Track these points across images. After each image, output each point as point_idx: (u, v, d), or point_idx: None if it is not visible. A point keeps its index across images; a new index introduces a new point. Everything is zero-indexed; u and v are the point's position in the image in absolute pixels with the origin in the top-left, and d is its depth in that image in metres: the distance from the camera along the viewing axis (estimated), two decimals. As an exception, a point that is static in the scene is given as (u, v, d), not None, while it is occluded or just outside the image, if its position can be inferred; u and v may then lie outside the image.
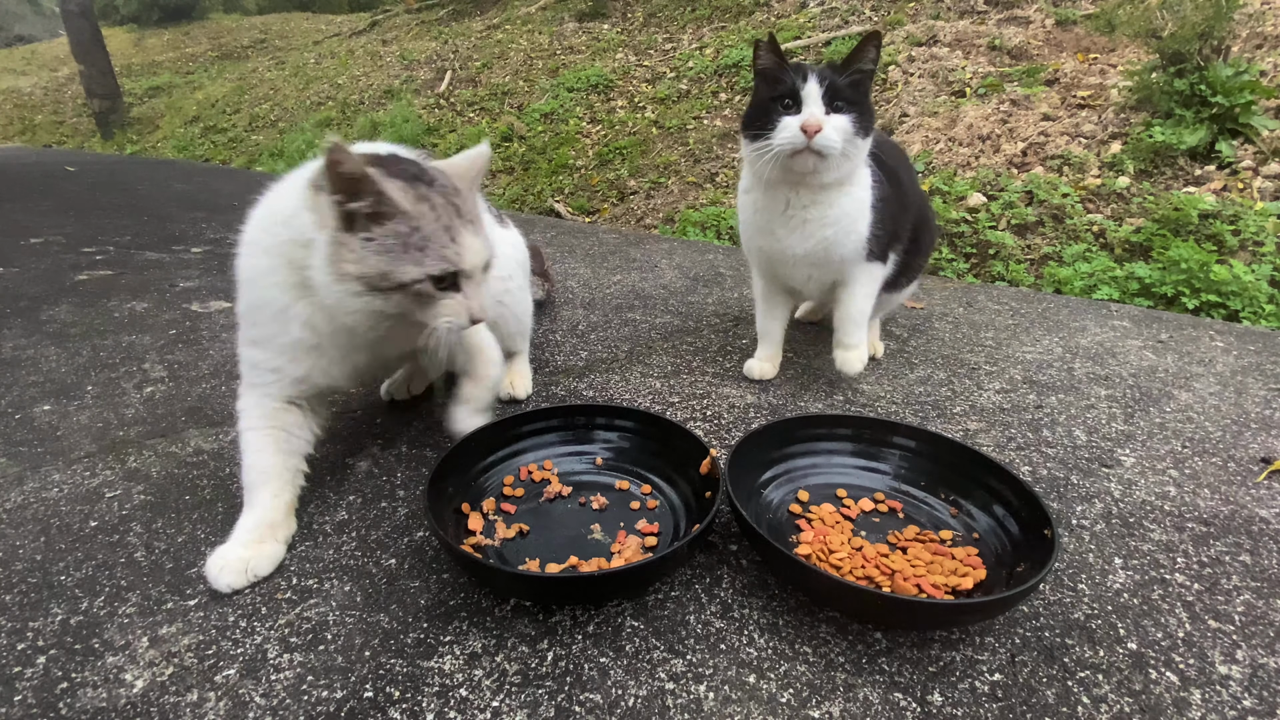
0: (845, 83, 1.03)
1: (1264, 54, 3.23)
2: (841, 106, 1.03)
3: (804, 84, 1.02)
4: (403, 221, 0.72)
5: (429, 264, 0.73)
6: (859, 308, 1.21)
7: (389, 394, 1.21)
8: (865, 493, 0.92)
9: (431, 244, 0.73)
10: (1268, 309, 2.16)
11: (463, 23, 8.21)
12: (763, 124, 1.06)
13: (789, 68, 1.04)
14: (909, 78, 4.07)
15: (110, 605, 0.74)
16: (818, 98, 1.02)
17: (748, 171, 1.18)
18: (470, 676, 0.65)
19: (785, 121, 1.03)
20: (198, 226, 2.74)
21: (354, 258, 0.73)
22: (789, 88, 1.03)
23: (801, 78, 1.02)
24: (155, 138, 8.65)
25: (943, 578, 0.75)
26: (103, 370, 1.35)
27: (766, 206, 1.15)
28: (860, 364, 1.23)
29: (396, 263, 0.73)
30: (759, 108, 1.08)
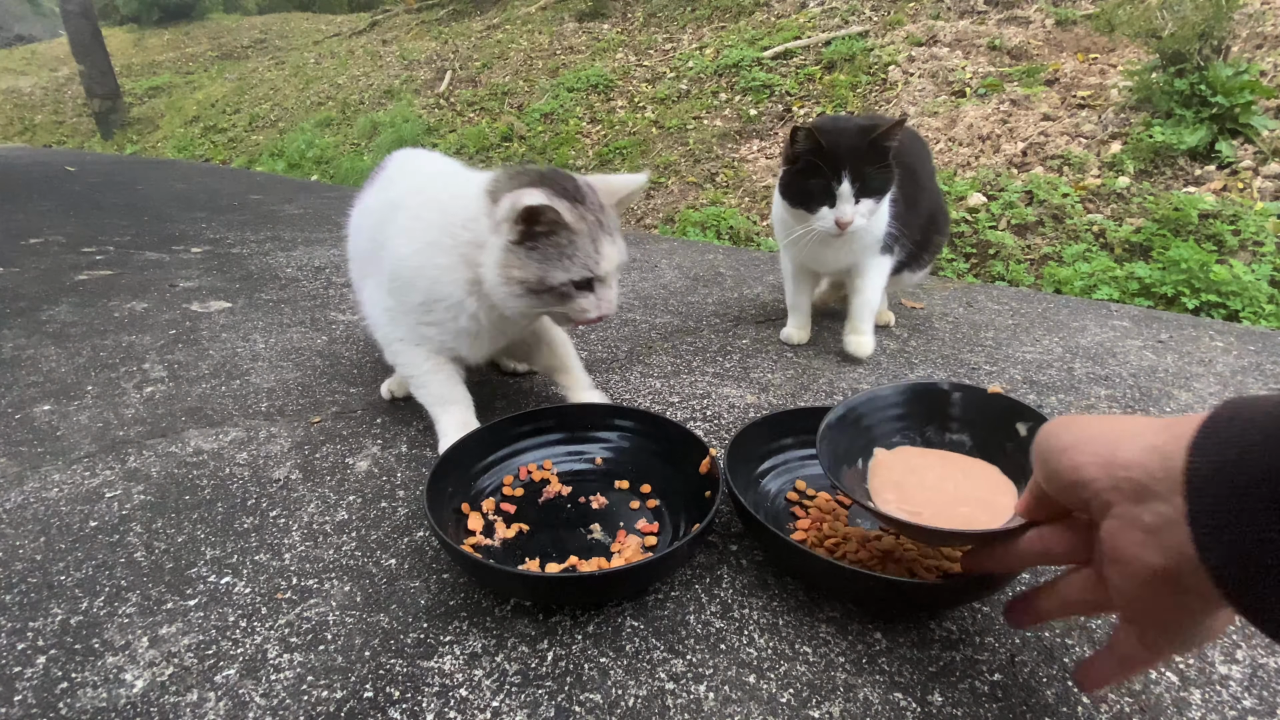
0: (873, 171, 1.18)
1: (1264, 54, 3.23)
2: (870, 192, 1.19)
3: (838, 184, 1.18)
4: (564, 236, 0.86)
5: (574, 270, 0.87)
6: (871, 298, 1.37)
7: (390, 392, 1.21)
8: None
9: (580, 253, 0.87)
10: (1268, 309, 2.16)
11: (463, 23, 8.21)
12: (801, 202, 1.24)
13: (824, 160, 1.18)
14: (909, 78, 4.07)
15: (110, 605, 0.74)
16: (849, 196, 1.18)
17: (785, 211, 1.32)
18: (470, 676, 0.65)
19: (822, 212, 1.21)
20: (198, 226, 2.74)
21: (519, 264, 0.87)
22: (824, 185, 1.19)
23: (836, 177, 1.17)
24: (155, 138, 8.66)
25: (935, 562, 0.75)
26: (103, 370, 1.35)
27: (802, 239, 1.30)
28: (871, 347, 1.39)
29: (550, 269, 0.86)
30: (798, 187, 1.23)
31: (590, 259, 0.87)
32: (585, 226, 0.87)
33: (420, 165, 1.14)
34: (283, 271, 2.08)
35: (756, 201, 3.73)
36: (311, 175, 5.75)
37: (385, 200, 1.05)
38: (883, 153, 1.18)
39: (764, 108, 4.46)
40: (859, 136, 1.18)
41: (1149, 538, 0.37)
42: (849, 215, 1.19)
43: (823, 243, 1.29)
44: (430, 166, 1.13)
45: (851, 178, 1.17)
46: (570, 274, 0.87)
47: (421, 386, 1.04)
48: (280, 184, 4.22)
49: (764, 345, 1.50)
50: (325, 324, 1.62)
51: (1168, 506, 0.36)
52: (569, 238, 0.86)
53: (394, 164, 1.16)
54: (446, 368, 1.04)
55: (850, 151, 1.17)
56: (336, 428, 1.13)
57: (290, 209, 3.17)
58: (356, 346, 1.48)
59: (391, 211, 1.01)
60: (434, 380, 1.03)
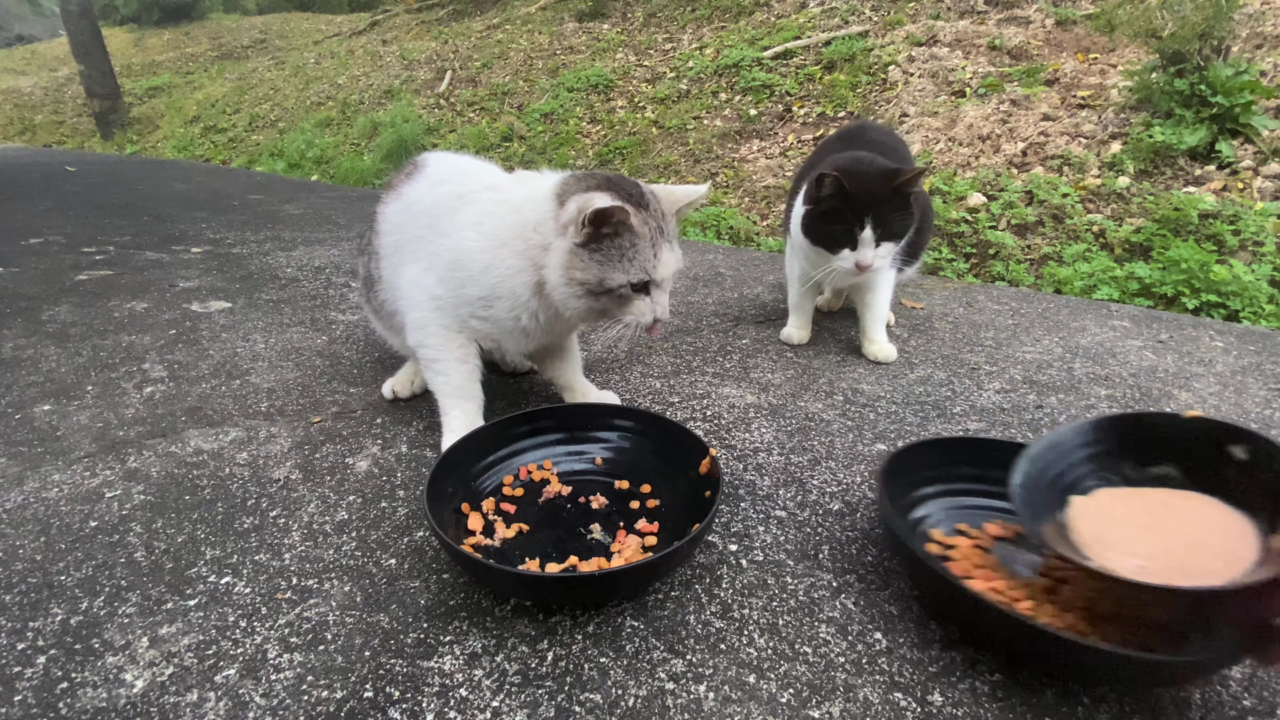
0: (893, 217, 1.23)
1: (1264, 54, 3.23)
2: (890, 236, 1.24)
3: (860, 230, 1.22)
4: (627, 239, 0.89)
5: (634, 273, 0.90)
6: (882, 311, 1.45)
7: (392, 391, 1.21)
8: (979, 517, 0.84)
9: (640, 257, 0.90)
10: (1268, 309, 2.16)
11: (463, 23, 8.21)
12: (824, 242, 1.28)
13: (849, 207, 1.22)
14: (909, 78, 4.07)
15: (110, 605, 0.74)
16: (870, 241, 1.23)
17: (803, 241, 1.35)
18: (470, 676, 0.65)
19: (844, 254, 1.26)
20: (197, 226, 2.74)
21: (581, 266, 0.90)
22: (847, 230, 1.24)
23: (859, 222, 1.22)
24: (155, 138, 8.65)
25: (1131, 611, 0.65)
26: (103, 370, 1.35)
27: (820, 267, 1.34)
28: (893, 350, 1.44)
29: (610, 271, 0.89)
30: (820, 229, 1.28)
31: (649, 263, 0.90)
32: (647, 231, 0.90)
33: (474, 164, 1.16)
34: (283, 271, 2.08)
35: (756, 201, 3.73)
36: (311, 175, 5.75)
37: (445, 194, 1.06)
38: (904, 199, 1.23)
39: (764, 108, 4.46)
40: (882, 182, 1.22)
41: None
42: (869, 259, 1.24)
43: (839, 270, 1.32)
44: (483, 166, 1.15)
45: (874, 223, 1.22)
46: (629, 276, 0.90)
47: (442, 374, 1.05)
48: (280, 184, 4.22)
49: (764, 345, 1.50)
50: (325, 324, 1.62)
51: None
52: (631, 240, 0.89)
53: (437, 163, 1.16)
54: (473, 361, 1.06)
55: (874, 198, 1.22)
56: (336, 428, 1.13)
57: (290, 209, 3.17)
58: (357, 346, 1.48)
59: (456, 203, 1.02)
60: (458, 371, 1.05)
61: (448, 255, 1.01)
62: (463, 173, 1.11)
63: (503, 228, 0.96)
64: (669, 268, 0.93)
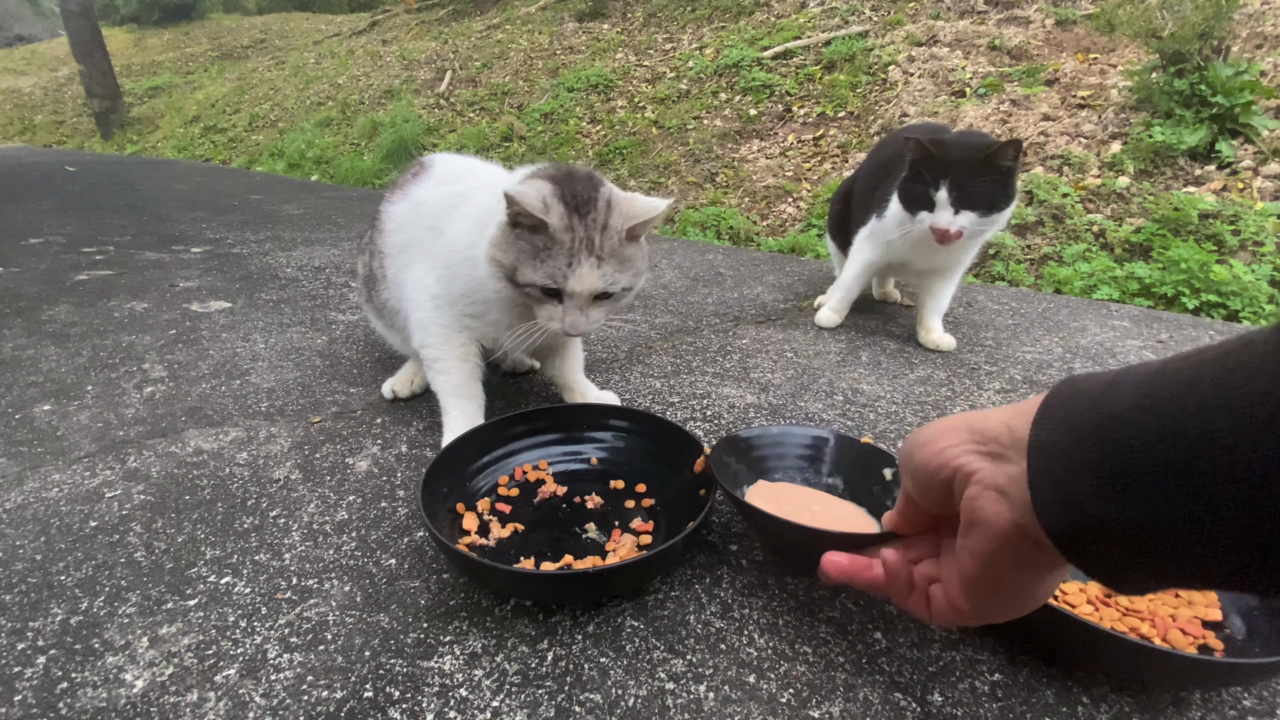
0: (976, 186, 1.24)
1: (1264, 54, 3.23)
2: (970, 204, 1.25)
3: (935, 191, 1.26)
4: (543, 238, 0.86)
5: (540, 276, 0.87)
6: (945, 302, 1.48)
7: (392, 391, 1.21)
8: None
9: (552, 261, 0.86)
10: (1268, 309, 2.16)
11: (463, 23, 8.21)
12: (908, 204, 1.33)
13: (930, 169, 1.27)
14: (909, 78, 4.07)
15: (110, 605, 0.74)
16: (946, 203, 1.26)
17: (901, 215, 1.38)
18: (470, 676, 0.65)
19: (922, 215, 1.30)
20: (197, 226, 2.74)
21: (503, 247, 0.89)
22: (925, 190, 1.28)
23: (934, 183, 1.26)
24: (155, 138, 8.66)
25: (1188, 610, 0.69)
26: (103, 370, 1.35)
27: (913, 244, 1.38)
28: (952, 341, 1.47)
29: (522, 263, 0.87)
30: (907, 190, 1.33)
31: (559, 272, 0.87)
32: (569, 240, 0.86)
33: (478, 165, 1.17)
34: (283, 271, 2.08)
35: (756, 201, 3.73)
36: (311, 175, 5.75)
37: (448, 193, 1.07)
38: (995, 170, 1.23)
39: (764, 108, 4.46)
40: (969, 150, 1.25)
41: (1002, 496, 0.42)
42: (944, 222, 1.26)
43: (929, 244, 1.35)
44: (487, 167, 1.16)
45: (949, 187, 1.24)
46: (536, 276, 0.87)
47: (444, 373, 1.06)
48: (280, 184, 4.22)
49: (764, 345, 1.50)
50: (325, 324, 1.62)
51: (1016, 467, 0.41)
52: (546, 242, 0.86)
53: (444, 163, 1.16)
54: (474, 360, 1.06)
55: (956, 163, 1.24)
56: (336, 428, 1.13)
57: (290, 209, 3.17)
58: (357, 346, 1.48)
59: (456, 201, 1.04)
60: (459, 370, 1.05)
61: (444, 253, 1.02)
62: (467, 173, 1.12)
63: (486, 216, 0.96)
64: (583, 284, 0.87)
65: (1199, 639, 0.67)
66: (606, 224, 0.88)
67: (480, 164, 1.17)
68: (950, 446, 0.46)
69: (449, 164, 1.16)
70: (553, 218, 0.85)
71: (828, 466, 0.92)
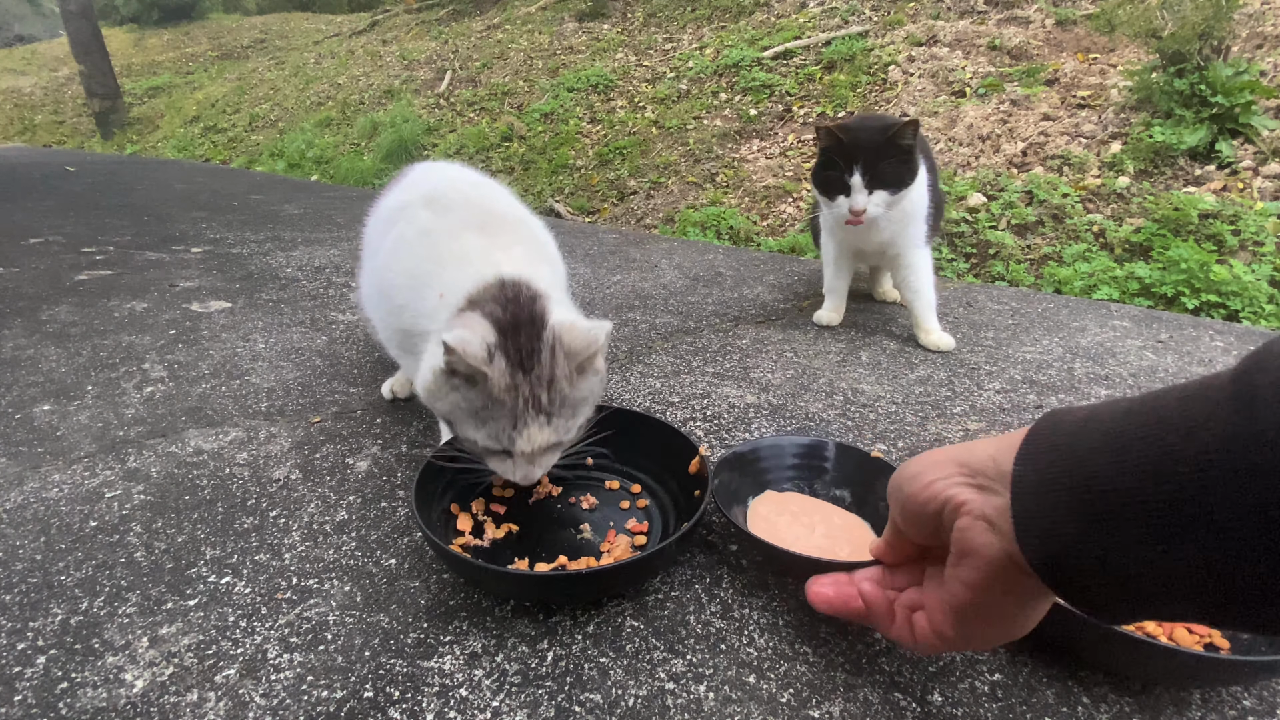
0: (889, 163, 1.30)
1: (1264, 54, 3.23)
2: (881, 184, 1.30)
3: (850, 176, 1.31)
4: (483, 397, 0.75)
5: (482, 438, 0.77)
6: (929, 296, 1.48)
7: (392, 391, 1.21)
8: None
9: (494, 423, 0.76)
10: (1268, 309, 2.16)
11: (463, 23, 8.21)
12: (825, 191, 1.38)
13: (841, 155, 1.31)
14: (909, 78, 4.07)
15: (110, 605, 0.74)
16: (861, 186, 1.31)
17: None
18: (470, 676, 0.65)
19: (839, 200, 1.35)
20: (198, 226, 2.74)
21: (440, 392, 0.78)
22: (839, 176, 1.32)
23: (848, 169, 1.30)
24: (155, 138, 8.66)
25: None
26: (103, 370, 1.35)
27: (845, 229, 1.45)
28: (949, 339, 1.47)
29: (460, 420, 0.78)
30: (820, 177, 1.38)
31: (504, 434, 0.75)
32: (510, 400, 0.74)
33: (451, 176, 1.10)
34: (283, 271, 2.08)
35: (756, 201, 3.72)
36: (311, 175, 5.75)
37: (395, 204, 1.06)
38: (899, 149, 1.29)
39: (764, 108, 4.46)
40: (875, 133, 1.30)
41: (992, 527, 0.43)
42: (860, 204, 1.32)
43: (861, 234, 1.43)
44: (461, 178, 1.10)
45: (862, 170, 1.29)
46: (479, 438, 0.77)
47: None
48: (280, 184, 4.22)
49: (764, 345, 1.50)
50: (325, 324, 1.62)
51: (1002, 499, 0.42)
52: (486, 401, 0.75)
53: (420, 171, 1.13)
54: None
55: (865, 146, 1.29)
56: (336, 428, 1.13)
57: (290, 209, 3.17)
58: (357, 346, 1.48)
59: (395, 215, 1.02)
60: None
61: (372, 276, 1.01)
62: (421, 184, 1.08)
63: (400, 244, 0.93)
64: (532, 444, 0.76)
65: (1205, 637, 0.67)
66: (553, 376, 0.76)
67: (457, 177, 1.10)
68: (939, 479, 0.48)
69: (423, 172, 1.12)
70: (494, 375, 0.74)
71: (836, 477, 0.92)
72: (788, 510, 0.87)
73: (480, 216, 0.94)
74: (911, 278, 1.47)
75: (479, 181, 1.07)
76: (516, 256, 0.87)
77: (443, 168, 1.15)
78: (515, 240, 0.92)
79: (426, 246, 0.90)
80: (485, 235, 0.90)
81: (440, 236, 0.90)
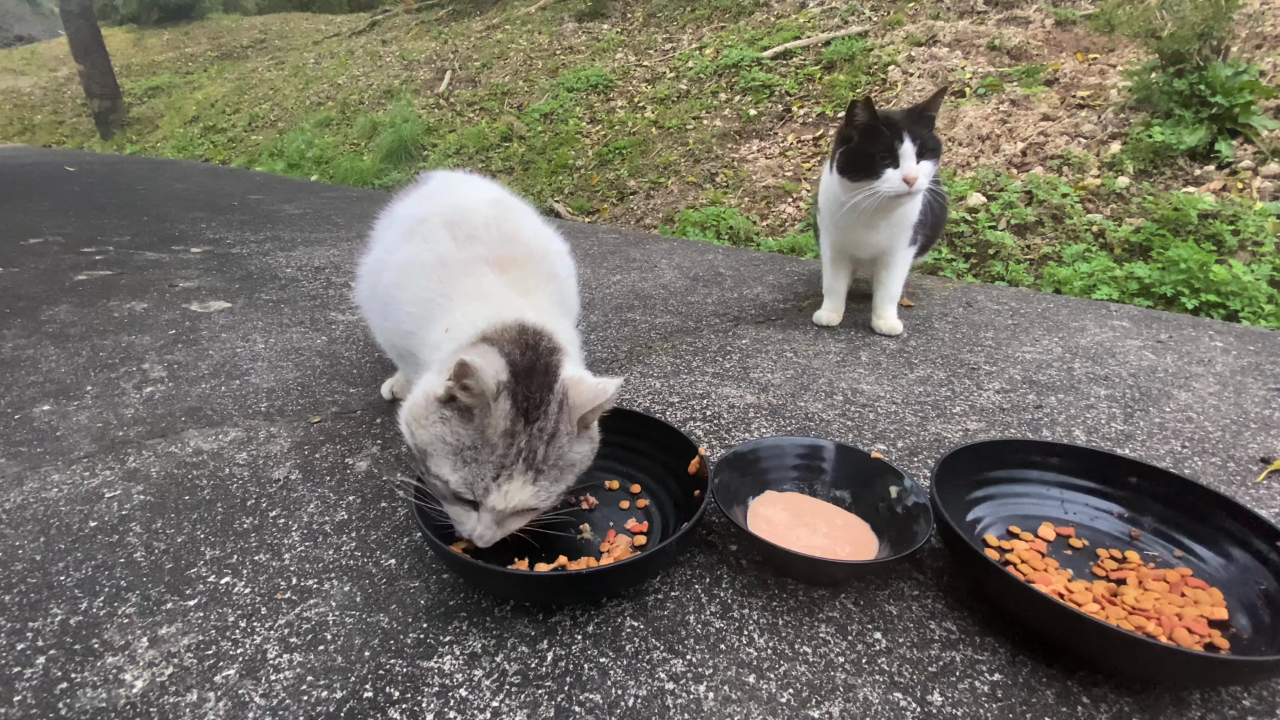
0: (928, 134, 1.29)
1: (1263, 54, 3.23)
2: (926, 153, 1.29)
3: (900, 144, 1.27)
4: (474, 435, 0.70)
5: (456, 481, 0.70)
6: (896, 290, 1.56)
7: (391, 391, 1.21)
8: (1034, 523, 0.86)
9: (474, 467, 0.70)
10: (1267, 309, 2.16)
11: (462, 23, 8.21)
12: (866, 172, 1.32)
13: (884, 126, 1.29)
14: (908, 78, 4.07)
15: (110, 605, 0.74)
16: (912, 154, 1.28)
17: (837, 188, 1.41)
18: (470, 676, 0.65)
19: (888, 174, 1.29)
20: (197, 226, 2.74)
21: (424, 421, 0.72)
22: (887, 145, 1.28)
23: (898, 137, 1.27)
24: (155, 138, 8.65)
25: (1194, 609, 0.70)
26: (102, 370, 1.35)
27: (853, 219, 1.42)
28: (900, 325, 1.57)
29: (437, 453, 0.71)
30: (859, 157, 1.32)
31: (479, 482, 0.69)
32: (505, 445, 0.69)
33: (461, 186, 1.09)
34: (282, 271, 2.08)
35: (756, 202, 3.72)
36: (311, 175, 5.75)
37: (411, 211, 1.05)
38: (926, 110, 1.33)
39: (764, 108, 4.46)
40: (909, 112, 1.33)
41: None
42: (915, 171, 1.28)
43: (867, 224, 1.41)
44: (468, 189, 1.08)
45: (911, 138, 1.28)
46: (450, 480, 0.70)
47: None
48: (280, 184, 4.22)
49: (763, 345, 1.50)
50: (325, 324, 1.62)
51: None
52: (475, 439, 0.70)
53: (437, 179, 1.12)
54: None
55: (903, 117, 1.31)
56: (336, 428, 1.13)
57: (290, 209, 3.17)
58: (356, 346, 1.48)
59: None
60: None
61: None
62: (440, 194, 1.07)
63: (394, 244, 0.94)
64: (507, 502, 0.70)
65: (1205, 637, 0.67)
66: (556, 431, 0.72)
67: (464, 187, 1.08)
68: None
69: (444, 184, 1.10)
70: (496, 414, 0.69)
71: (836, 478, 0.92)
72: (788, 510, 0.87)
73: (503, 249, 0.88)
74: (886, 275, 1.54)
75: (501, 200, 1.00)
76: (540, 304, 0.84)
77: (465, 182, 1.09)
78: (538, 283, 0.88)
79: (443, 278, 0.85)
80: (507, 273, 0.86)
81: (458, 270, 0.85)
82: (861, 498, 0.89)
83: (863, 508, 0.88)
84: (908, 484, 0.86)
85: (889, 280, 1.54)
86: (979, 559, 0.70)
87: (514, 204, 1.03)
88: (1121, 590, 0.74)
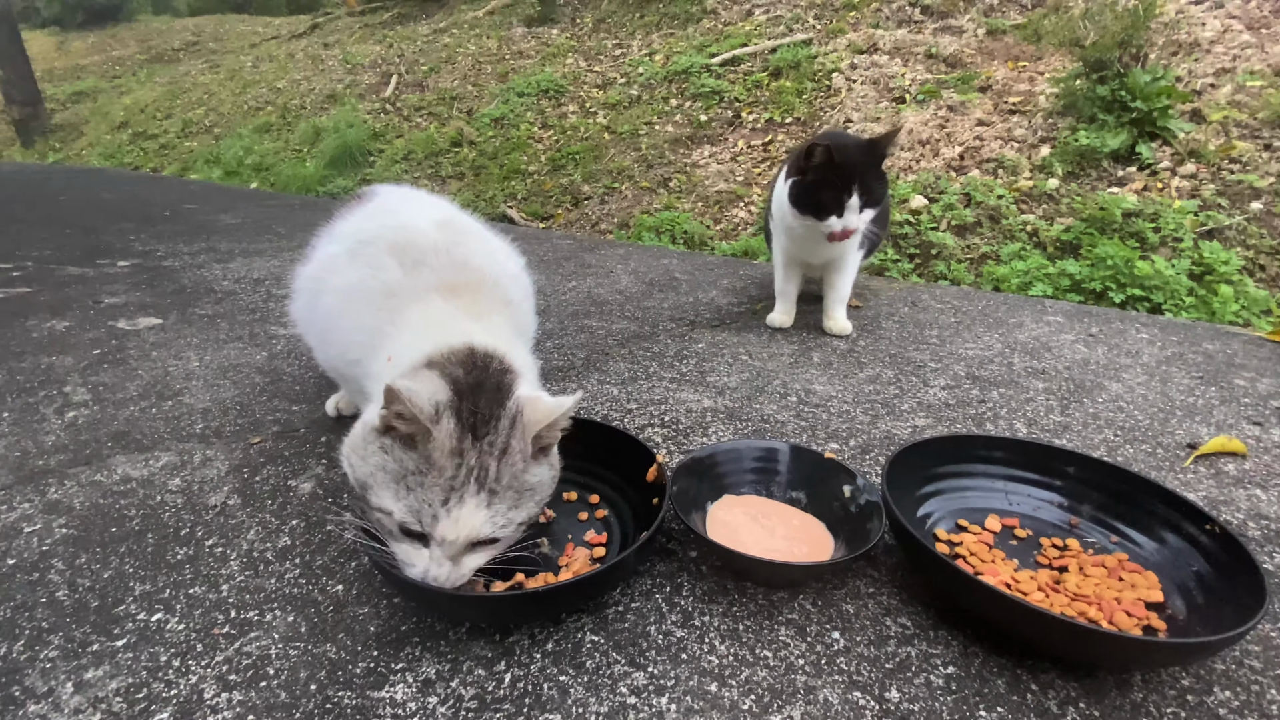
0: (876, 183, 1.33)
1: (1179, 60, 3.44)
2: (871, 203, 1.34)
3: (848, 198, 1.32)
4: (417, 461, 0.64)
5: (400, 511, 0.64)
6: (846, 292, 1.60)
7: (337, 408, 1.17)
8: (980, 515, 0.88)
9: (419, 493, 0.64)
10: (1188, 301, 2.29)
11: (408, 26, 8.05)
12: (814, 210, 1.36)
13: (837, 176, 1.31)
14: (852, 84, 4.18)
15: (30, 649, 0.69)
16: (857, 207, 1.33)
17: (787, 214, 1.44)
18: (424, 705, 0.63)
19: (831, 220, 1.35)
20: (125, 238, 2.60)
21: (363, 452, 0.68)
22: (836, 196, 1.33)
23: (847, 190, 1.31)
24: (80, 145, 8.20)
25: (1131, 593, 0.73)
26: (19, 395, 1.26)
27: (802, 241, 1.50)
28: (850, 326, 1.60)
29: (381, 486, 0.66)
30: (809, 196, 1.36)
31: (428, 510, 0.63)
32: (451, 468, 0.64)
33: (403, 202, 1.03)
34: (219, 284, 1.99)
35: (709, 206, 3.76)
36: (251, 183, 5.54)
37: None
38: (880, 167, 1.36)
39: (714, 113, 4.51)
40: (865, 151, 1.34)
41: None
42: (855, 224, 1.35)
43: (815, 240, 1.45)
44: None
45: (859, 192, 1.31)
46: (395, 509, 0.64)
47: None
48: (217, 192, 4.04)
49: (719, 349, 1.51)
50: (265, 339, 1.56)
51: None
52: (420, 464, 0.64)
53: (383, 194, 1.06)
54: None
55: (858, 166, 1.32)
56: (278, 448, 1.08)
57: (227, 219, 3.04)
58: (299, 362, 1.42)
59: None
60: None
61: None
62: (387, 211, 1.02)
63: (320, 270, 0.92)
64: (459, 530, 0.63)
65: (1143, 620, 0.70)
66: (508, 447, 0.66)
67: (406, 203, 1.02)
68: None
69: (390, 201, 1.03)
70: (439, 435, 0.64)
71: (791, 479, 0.93)
72: (747, 514, 0.87)
73: (453, 275, 0.83)
74: (836, 278, 1.58)
75: (451, 222, 0.94)
76: (494, 327, 0.80)
77: (412, 200, 1.04)
78: (491, 308, 0.83)
79: (390, 307, 0.81)
80: (458, 298, 0.81)
81: (406, 298, 0.81)
82: (817, 498, 0.90)
83: (818, 507, 0.89)
84: (860, 483, 0.87)
85: (839, 282, 1.58)
86: (929, 554, 0.71)
87: (465, 225, 0.98)
88: (1064, 577, 0.77)
